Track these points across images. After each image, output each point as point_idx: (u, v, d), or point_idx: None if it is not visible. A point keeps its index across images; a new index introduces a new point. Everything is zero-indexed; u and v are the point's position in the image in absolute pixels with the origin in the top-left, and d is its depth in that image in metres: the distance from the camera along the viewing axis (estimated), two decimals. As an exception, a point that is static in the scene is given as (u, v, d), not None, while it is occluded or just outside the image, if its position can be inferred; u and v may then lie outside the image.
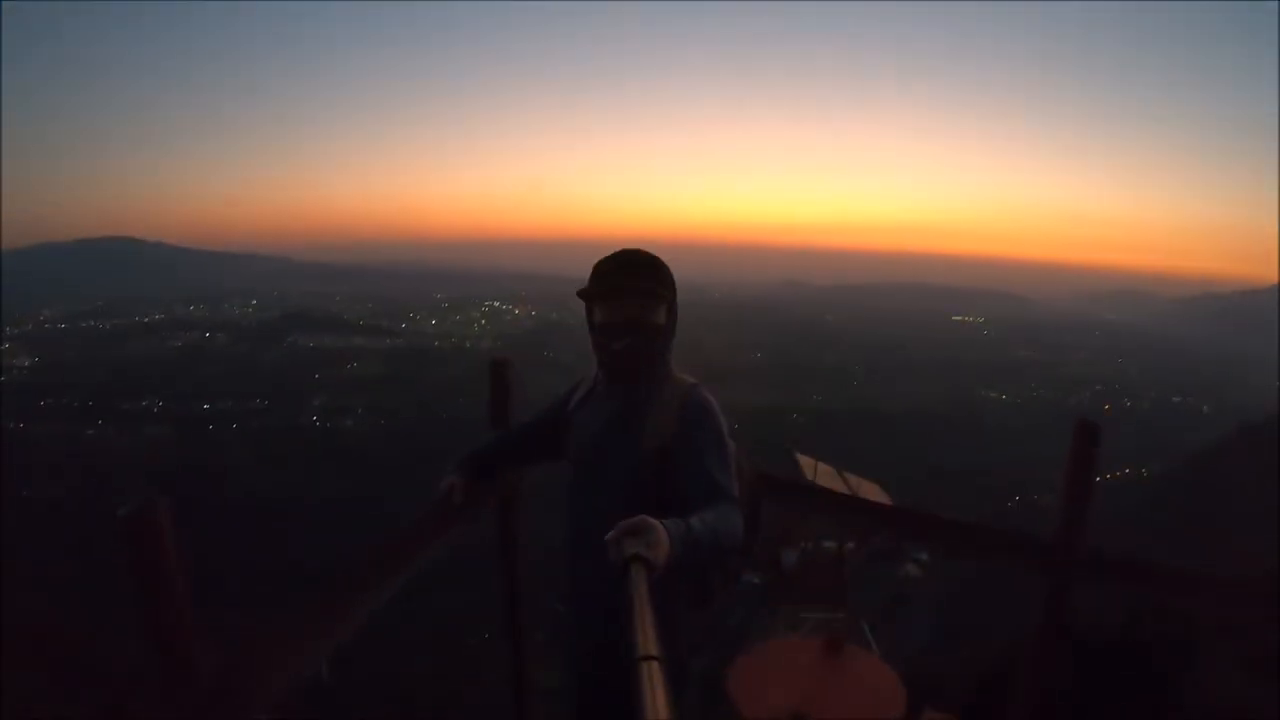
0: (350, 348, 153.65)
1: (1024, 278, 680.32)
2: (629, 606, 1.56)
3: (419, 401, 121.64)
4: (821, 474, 13.32)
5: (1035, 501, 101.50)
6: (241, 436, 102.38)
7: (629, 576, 1.70)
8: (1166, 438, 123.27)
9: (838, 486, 12.67)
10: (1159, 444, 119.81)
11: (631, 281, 2.57)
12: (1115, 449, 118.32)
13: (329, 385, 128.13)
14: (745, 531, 2.54)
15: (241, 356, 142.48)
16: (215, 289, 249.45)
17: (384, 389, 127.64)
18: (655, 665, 1.33)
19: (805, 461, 13.89)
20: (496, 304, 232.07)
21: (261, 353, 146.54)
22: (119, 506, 1.89)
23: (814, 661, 2.78)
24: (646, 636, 1.42)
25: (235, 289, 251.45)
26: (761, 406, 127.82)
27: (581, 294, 2.66)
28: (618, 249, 2.66)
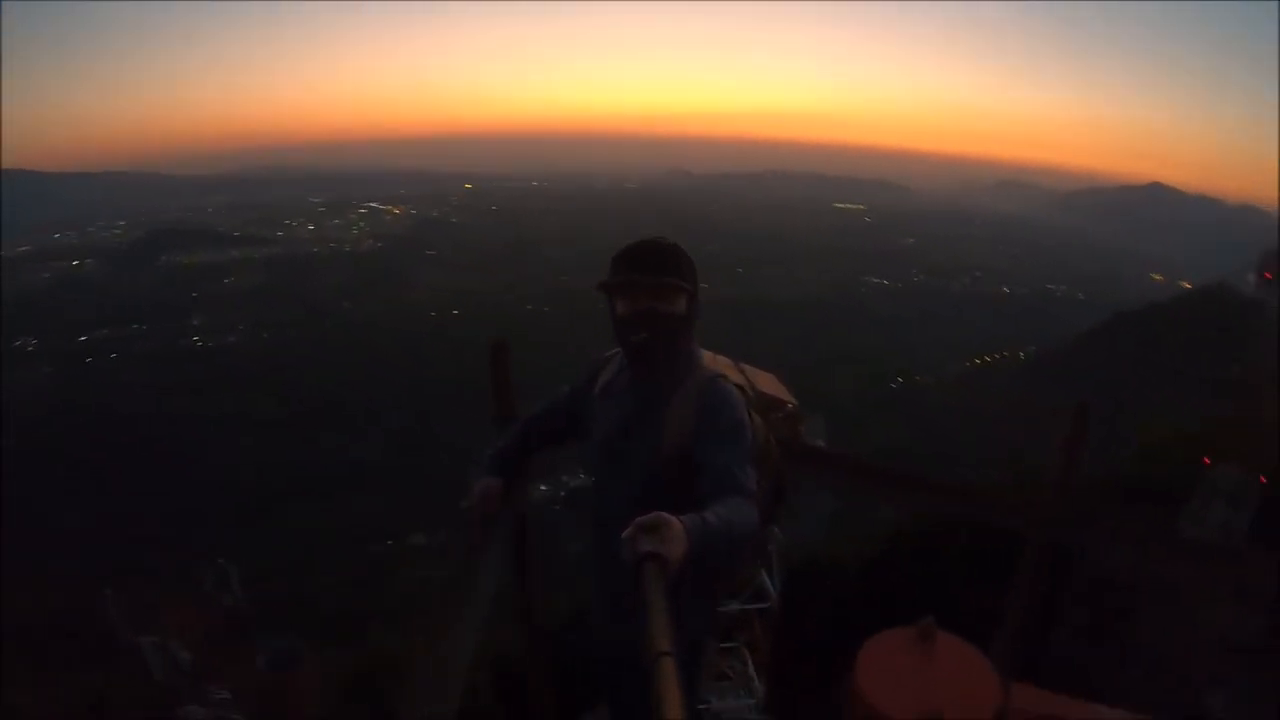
0: (227, 261, 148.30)
1: (906, 168, 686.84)
2: (643, 604, 1.62)
3: (303, 310, 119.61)
4: (720, 365, 13.14)
5: (917, 382, 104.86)
6: (123, 365, 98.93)
7: (644, 573, 1.73)
8: (1043, 323, 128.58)
9: (735, 377, 12.58)
10: (1036, 329, 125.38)
11: (648, 273, 2.53)
12: (994, 332, 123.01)
13: (208, 302, 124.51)
14: (771, 504, 2.70)
15: (114, 282, 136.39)
16: (83, 213, 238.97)
17: (266, 300, 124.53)
18: (669, 662, 1.41)
19: (704, 355, 13.72)
20: (375, 205, 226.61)
21: (135, 276, 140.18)
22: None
23: (917, 652, 2.72)
24: (661, 633, 1.50)
25: (102, 211, 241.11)
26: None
27: (601, 286, 2.59)
28: (639, 239, 2.62)
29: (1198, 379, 56.67)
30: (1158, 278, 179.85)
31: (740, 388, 2.72)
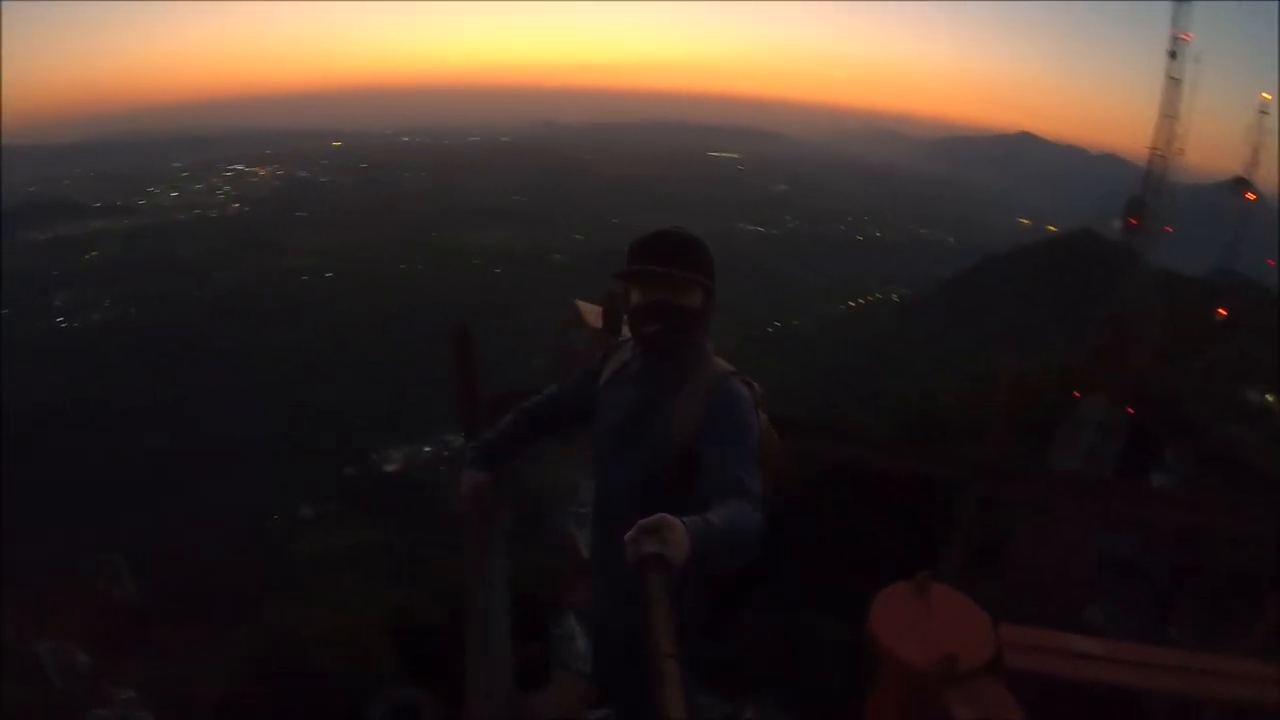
0: (87, 234, 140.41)
1: (779, 116, 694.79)
2: (647, 606, 1.64)
3: (172, 281, 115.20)
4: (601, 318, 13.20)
5: (794, 325, 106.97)
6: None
7: (647, 576, 1.72)
8: (915, 266, 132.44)
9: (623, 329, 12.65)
10: (907, 271, 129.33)
11: (665, 264, 2.50)
12: (867, 275, 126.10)
13: (71, 279, 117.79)
14: (771, 501, 2.54)
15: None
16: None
17: (132, 273, 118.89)
18: (672, 664, 1.44)
19: (586, 308, 13.75)
20: (240, 167, 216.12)
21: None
22: None
23: (919, 602, 2.81)
24: (664, 636, 1.52)
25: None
26: (524, 250, 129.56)
27: (617, 276, 2.60)
28: (658, 228, 2.60)
29: (1065, 318, 58.73)
30: (1025, 222, 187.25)
31: (749, 385, 2.68)
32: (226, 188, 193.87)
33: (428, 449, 74.86)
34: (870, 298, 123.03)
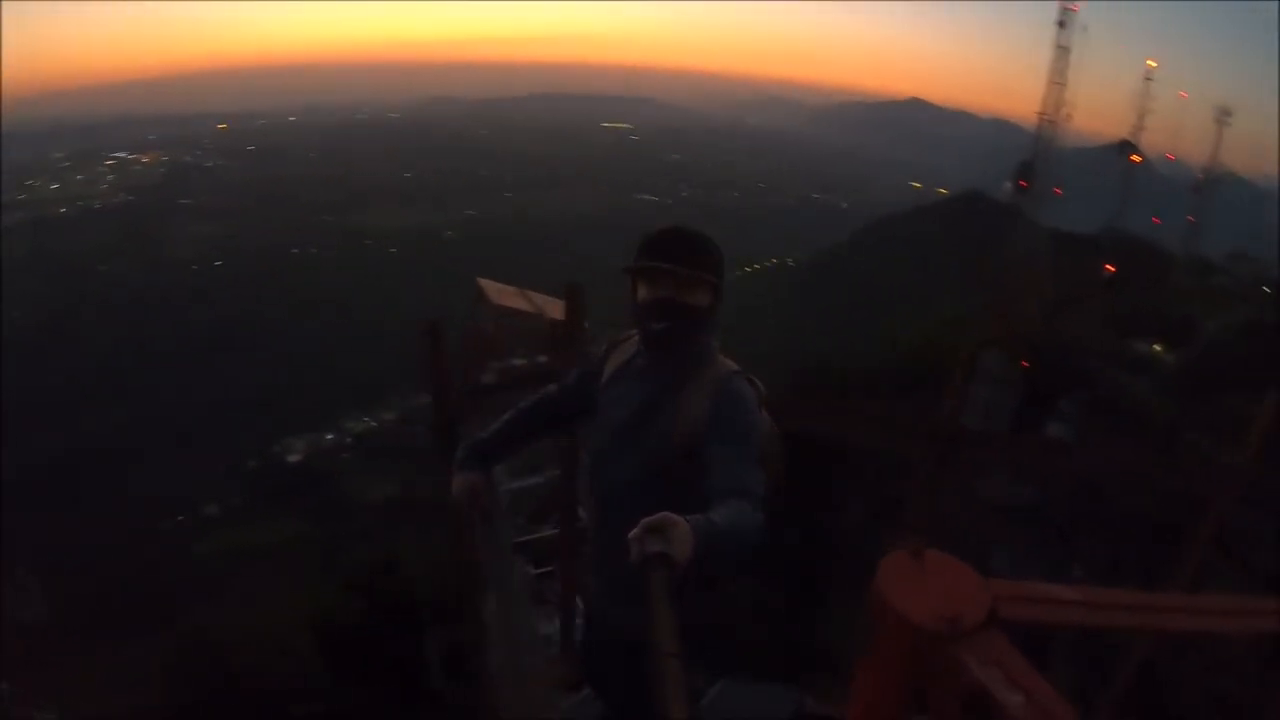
0: None
1: (671, 85, 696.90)
2: (650, 604, 1.64)
3: (54, 280, 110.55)
4: (505, 296, 13.27)
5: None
6: None
7: (650, 574, 1.73)
8: (808, 230, 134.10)
9: (521, 306, 12.71)
10: (802, 235, 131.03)
11: (674, 262, 2.51)
12: (762, 241, 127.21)
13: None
14: (769, 495, 2.51)
15: None
16: None
17: (12, 273, 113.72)
18: (674, 663, 1.45)
19: (489, 286, 13.80)
20: (123, 154, 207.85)
21: None
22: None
23: (917, 567, 2.80)
24: (667, 635, 1.52)
25: None
26: (416, 228, 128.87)
27: (626, 270, 2.61)
28: (668, 225, 2.64)
29: (958, 278, 60.13)
30: (917, 185, 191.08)
31: (752, 382, 2.66)
32: (110, 177, 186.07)
33: (330, 437, 74.16)
34: (766, 263, 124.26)
